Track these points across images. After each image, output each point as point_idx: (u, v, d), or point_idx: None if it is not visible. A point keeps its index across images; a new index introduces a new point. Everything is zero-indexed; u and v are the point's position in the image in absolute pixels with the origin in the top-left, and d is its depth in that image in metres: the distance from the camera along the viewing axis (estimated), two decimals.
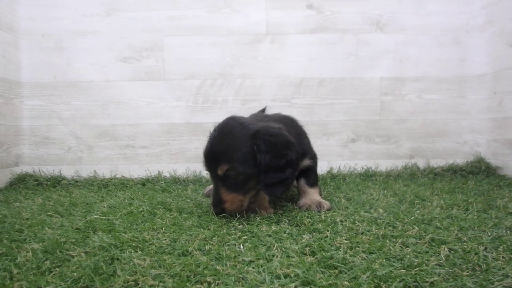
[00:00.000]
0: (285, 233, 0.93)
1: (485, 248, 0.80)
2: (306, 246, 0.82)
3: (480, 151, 2.07)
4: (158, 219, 1.08)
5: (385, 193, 1.46)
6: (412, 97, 2.10)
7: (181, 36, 2.04)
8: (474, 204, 1.22)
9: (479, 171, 1.95)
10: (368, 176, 1.96)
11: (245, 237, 0.90)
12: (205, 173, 2.02)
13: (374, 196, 1.39)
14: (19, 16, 2.01)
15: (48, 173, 2.00)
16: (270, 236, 0.91)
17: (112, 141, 2.06)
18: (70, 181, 1.94)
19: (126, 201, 1.41)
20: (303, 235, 0.90)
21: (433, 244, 0.83)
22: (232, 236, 0.91)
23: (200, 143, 2.07)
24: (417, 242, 0.84)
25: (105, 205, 1.31)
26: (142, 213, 1.19)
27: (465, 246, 0.80)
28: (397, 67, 2.09)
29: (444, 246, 0.80)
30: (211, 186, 1.59)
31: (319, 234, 0.92)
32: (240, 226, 1.00)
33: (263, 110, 2.02)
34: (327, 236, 0.89)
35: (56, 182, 1.92)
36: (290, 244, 0.84)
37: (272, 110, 2.08)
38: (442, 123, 2.10)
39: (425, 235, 0.88)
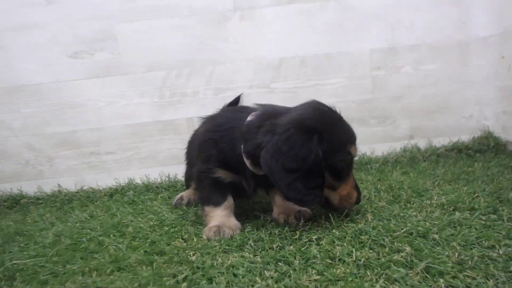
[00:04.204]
0: (243, 267, 0.73)
1: (496, 284, 0.60)
2: None
3: (487, 125, 1.83)
4: (99, 255, 0.88)
5: (378, 188, 1.27)
6: (407, 69, 1.84)
7: (135, 21, 1.76)
8: (482, 199, 1.03)
9: (487, 148, 1.73)
10: (362, 164, 1.74)
11: (190, 277, 0.70)
12: (181, 176, 1.81)
13: (365, 194, 1.20)
14: None
15: (6, 191, 1.79)
16: (222, 274, 0.70)
17: (74, 150, 1.83)
18: (31, 198, 1.73)
19: (78, 224, 1.21)
20: (265, 270, 0.70)
21: (428, 275, 0.65)
22: (174, 279, 0.70)
23: (172, 143, 1.85)
24: (407, 274, 0.65)
25: (50, 235, 1.11)
26: (89, 242, 0.99)
27: (468, 281, 0.61)
28: (389, 35, 1.81)
29: (442, 279, 0.62)
30: (180, 195, 1.40)
31: (286, 266, 0.72)
32: (193, 258, 0.80)
33: (237, 100, 1.77)
34: (295, 270, 0.70)
35: (15, 202, 1.72)
36: None
37: (250, 98, 1.84)
38: (443, 97, 1.85)
39: (418, 263, 0.69)
